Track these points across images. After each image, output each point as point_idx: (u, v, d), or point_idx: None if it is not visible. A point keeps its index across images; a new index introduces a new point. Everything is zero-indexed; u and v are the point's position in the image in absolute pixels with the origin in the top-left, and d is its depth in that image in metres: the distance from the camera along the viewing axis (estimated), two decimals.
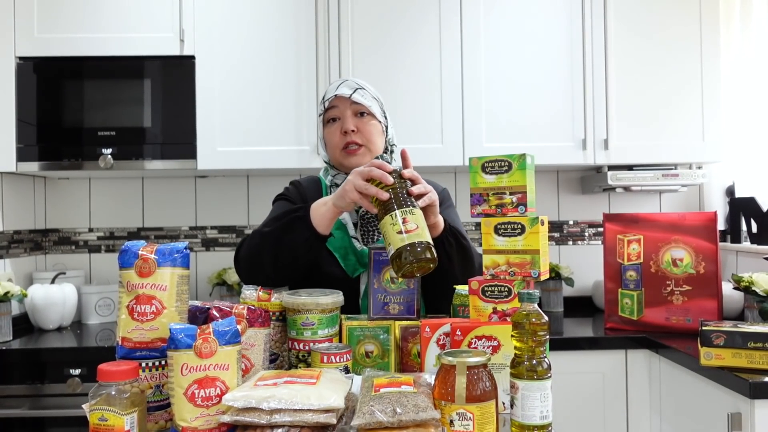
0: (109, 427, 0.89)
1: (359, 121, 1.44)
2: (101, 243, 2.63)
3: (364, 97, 1.44)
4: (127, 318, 1.00)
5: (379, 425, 0.83)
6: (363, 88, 1.46)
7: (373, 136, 1.44)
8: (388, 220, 1.10)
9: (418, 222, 1.10)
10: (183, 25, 2.27)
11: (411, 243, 1.06)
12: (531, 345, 0.94)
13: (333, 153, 1.47)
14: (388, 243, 1.09)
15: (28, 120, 2.23)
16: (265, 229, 1.31)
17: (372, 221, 1.43)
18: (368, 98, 1.45)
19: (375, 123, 1.45)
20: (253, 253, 1.31)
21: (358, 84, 1.46)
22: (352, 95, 1.43)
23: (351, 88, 1.44)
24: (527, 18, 2.33)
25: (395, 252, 1.07)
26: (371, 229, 1.43)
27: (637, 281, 2.07)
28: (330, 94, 1.45)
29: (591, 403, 2.02)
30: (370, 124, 1.45)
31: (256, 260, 1.31)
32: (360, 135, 1.43)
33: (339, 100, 1.44)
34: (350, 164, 1.43)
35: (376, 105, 1.47)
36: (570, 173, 2.70)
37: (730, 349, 1.57)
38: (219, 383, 0.91)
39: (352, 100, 1.43)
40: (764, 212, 2.26)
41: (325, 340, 1.15)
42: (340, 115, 1.44)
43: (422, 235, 1.08)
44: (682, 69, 2.33)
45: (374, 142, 1.45)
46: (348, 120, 1.43)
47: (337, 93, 1.43)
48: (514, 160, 1.10)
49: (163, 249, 1.03)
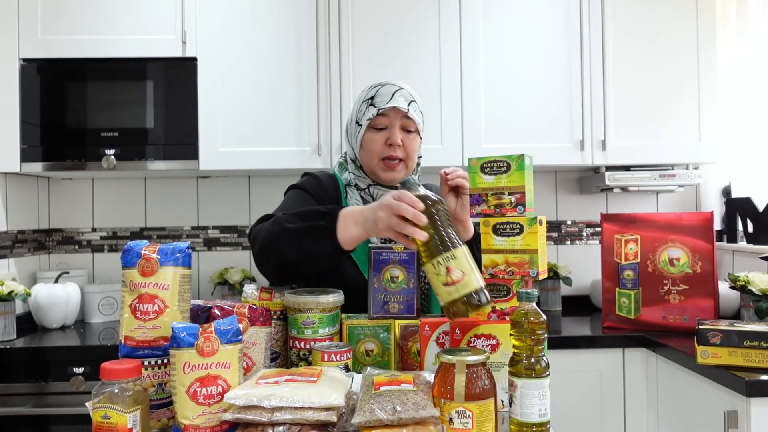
0: (112, 424, 0.89)
1: (405, 136, 1.39)
2: (104, 243, 2.63)
3: (416, 113, 1.40)
4: (130, 317, 1.00)
5: (379, 423, 0.83)
6: (415, 102, 1.41)
7: (414, 153, 1.41)
8: (431, 269, 1.01)
9: (463, 267, 1.00)
10: (185, 27, 2.27)
11: (460, 296, 0.98)
12: (529, 343, 0.94)
13: (370, 159, 1.41)
14: (436, 292, 1.02)
15: (32, 121, 2.23)
16: (288, 225, 1.19)
17: None
18: (418, 113, 1.41)
19: (418, 139, 1.43)
20: (271, 241, 1.21)
21: (412, 96, 1.41)
22: (408, 111, 1.38)
23: (407, 101, 1.39)
24: (525, 20, 2.33)
25: (445, 305, 1.01)
26: (393, 240, 1.40)
27: (635, 280, 2.07)
28: (384, 103, 1.38)
29: (589, 402, 2.02)
30: (415, 140, 1.41)
31: (272, 249, 1.21)
32: (402, 150, 1.39)
33: (393, 111, 1.38)
34: (387, 178, 1.40)
35: (421, 120, 1.43)
36: (568, 174, 2.70)
37: (727, 348, 1.57)
38: (221, 381, 0.91)
39: (405, 114, 1.38)
40: (760, 212, 2.26)
41: (325, 338, 1.15)
42: (389, 125, 1.39)
43: (470, 282, 0.99)
44: (679, 70, 2.33)
45: (413, 158, 1.42)
46: (397, 134, 1.38)
47: (395, 105, 1.37)
48: (513, 160, 1.10)
49: (165, 249, 1.03)
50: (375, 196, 1.41)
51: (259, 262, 1.24)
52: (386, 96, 1.39)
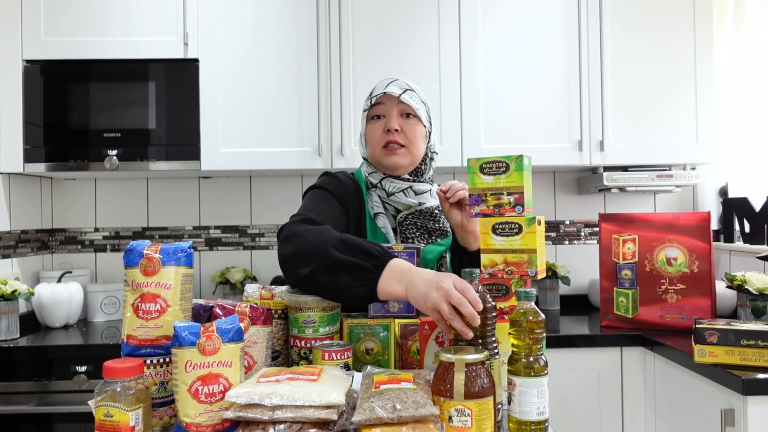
0: (114, 422, 0.89)
1: (404, 122, 1.39)
2: (107, 242, 2.63)
3: (412, 99, 1.39)
4: (132, 316, 1.00)
5: (379, 421, 0.83)
6: (413, 90, 1.41)
7: (416, 139, 1.40)
8: None
9: (499, 377, 1.01)
10: (187, 29, 2.27)
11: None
12: (528, 342, 0.94)
13: (373, 150, 1.41)
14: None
15: (35, 122, 2.23)
16: (333, 252, 1.10)
17: (410, 228, 1.39)
18: (417, 101, 1.41)
19: (420, 126, 1.41)
20: (307, 255, 1.13)
21: (409, 85, 1.41)
22: (401, 95, 1.38)
23: (401, 88, 1.39)
24: (524, 22, 2.33)
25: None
26: (410, 237, 1.39)
27: (632, 280, 2.07)
28: (379, 91, 1.41)
29: (587, 400, 2.02)
30: (415, 126, 1.40)
31: (305, 262, 1.13)
32: (403, 135, 1.38)
33: (387, 98, 1.39)
34: (389, 163, 1.39)
35: (423, 109, 1.43)
36: (566, 174, 2.70)
37: (724, 347, 1.57)
38: (222, 380, 0.91)
39: (400, 99, 1.38)
40: (757, 212, 2.26)
41: (326, 337, 1.15)
42: (386, 113, 1.40)
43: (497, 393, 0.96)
44: (677, 72, 2.33)
45: (416, 144, 1.40)
46: (393, 119, 1.38)
47: (387, 91, 1.39)
48: (512, 161, 1.10)
49: (167, 248, 1.03)
50: (388, 190, 1.39)
51: (285, 263, 1.17)
52: (381, 86, 1.41)
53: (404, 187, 1.39)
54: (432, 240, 1.40)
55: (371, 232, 1.41)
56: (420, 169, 1.44)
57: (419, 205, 1.40)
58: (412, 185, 1.40)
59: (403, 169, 1.41)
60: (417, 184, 1.40)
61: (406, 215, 1.40)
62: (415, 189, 1.40)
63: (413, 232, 1.39)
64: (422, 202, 1.40)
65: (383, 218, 1.40)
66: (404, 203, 1.40)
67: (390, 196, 1.40)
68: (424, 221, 1.40)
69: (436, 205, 1.42)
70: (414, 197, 1.40)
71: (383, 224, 1.39)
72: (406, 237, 1.39)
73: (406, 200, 1.39)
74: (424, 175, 1.44)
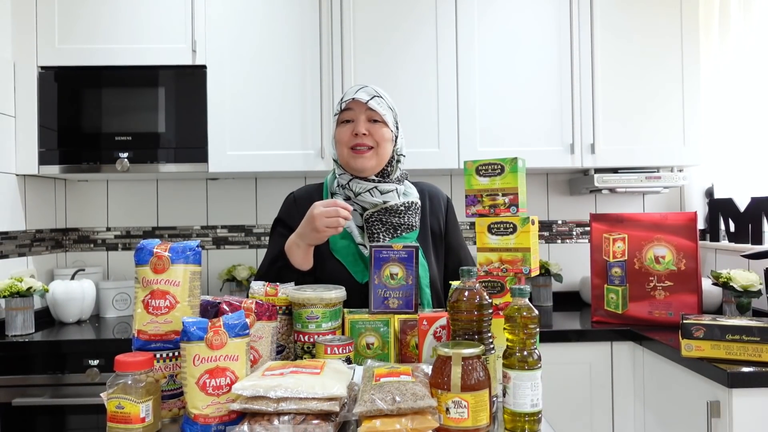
0: (125, 414, 0.89)
1: (371, 126, 1.42)
2: (118, 241, 2.63)
3: (380, 105, 1.42)
4: (143, 312, 1.00)
5: (380, 413, 0.83)
6: (381, 97, 1.43)
7: (383, 141, 1.42)
8: None
9: (495, 370, 1.01)
10: (195, 37, 2.27)
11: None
12: (522, 337, 0.94)
13: (341, 151, 1.44)
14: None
15: (50, 126, 2.23)
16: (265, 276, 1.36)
17: (376, 224, 1.41)
18: (384, 107, 1.43)
19: (386, 130, 1.43)
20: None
21: (377, 92, 1.44)
22: (369, 101, 1.41)
23: (369, 95, 1.42)
24: (519, 29, 2.33)
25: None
26: (376, 232, 1.41)
27: (622, 277, 2.07)
28: (348, 96, 1.43)
29: (578, 392, 2.02)
30: (381, 130, 1.42)
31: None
32: (370, 138, 1.41)
33: (355, 103, 1.42)
34: (356, 165, 1.41)
35: (390, 115, 1.45)
36: (559, 176, 2.70)
37: (710, 341, 1.57)
38: (229, 373, 0.91)
39: (368, 105, 1.41)
40: (741, 212, 2.26)
41: (328, 332, 1.15)
42: (354, 118, 1.42)
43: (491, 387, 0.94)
44: (665, 77, 2.33)
45: (383, 146, 1.43)
46: (360, 123, 1.41)
47: (355, 97, 1.41)
48: (507, 163, 1.10)
49: (176, 247, 1.03)
50: (355, 190, 1.42)
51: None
52: (351, 92, 1.44)
53: (370, 187, 1.42)
54: (397, 234, 1.42)
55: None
56: (386, 171, 1.46)
57: (384, 203, 1.42)
58: (377, 185, 1.42)
59: (370, 170, 1.43)
60: (382, 185, 1.43)
61: (372, 213, 1.42)
62: (380, 189, 1.42)
63: (378, 227, 1.41)
64: (387, 201, 1.42)
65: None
66: (370, 202, 1.42)
67: (357, 196, 1.43)
68: (389, 217, 1.42)
69: (401, 203, 1.43)
70: (379, 196, 1.42)
71: (349, 225, 1.41)
72: (372, 233, 1.41)
73: (372, 199, 1.42)
74: (391, 176, 1.47)
